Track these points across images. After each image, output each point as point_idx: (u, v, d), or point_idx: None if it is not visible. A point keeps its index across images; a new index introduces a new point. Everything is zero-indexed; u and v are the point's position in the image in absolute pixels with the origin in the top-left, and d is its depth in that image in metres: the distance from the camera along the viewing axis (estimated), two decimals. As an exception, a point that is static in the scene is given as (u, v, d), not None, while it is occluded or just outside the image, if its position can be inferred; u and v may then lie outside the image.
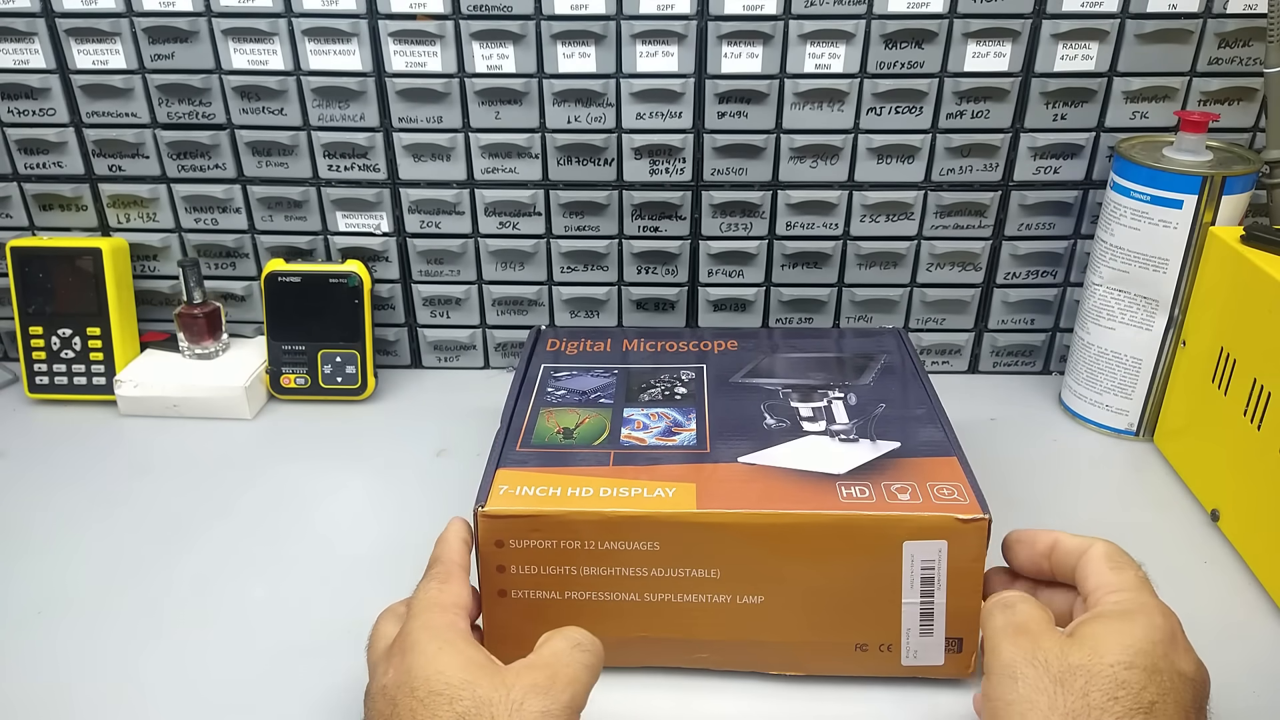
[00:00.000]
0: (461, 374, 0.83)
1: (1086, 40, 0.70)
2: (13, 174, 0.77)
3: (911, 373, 0.63)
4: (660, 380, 0.62)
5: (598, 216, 0.77)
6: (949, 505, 0.49)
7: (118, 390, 0.75)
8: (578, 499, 0.50)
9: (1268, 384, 0.57)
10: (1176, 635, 0.41)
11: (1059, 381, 0.78)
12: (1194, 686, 0.40)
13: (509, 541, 0.49)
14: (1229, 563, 0.60)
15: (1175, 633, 0.41)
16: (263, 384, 0.77)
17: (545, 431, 0.57)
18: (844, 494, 0.50)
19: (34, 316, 0.76)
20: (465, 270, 0.79)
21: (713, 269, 0.78)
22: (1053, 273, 0.78)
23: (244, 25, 0.71)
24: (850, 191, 0.75)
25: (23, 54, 0.72)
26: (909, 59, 0.70)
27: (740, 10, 0.69)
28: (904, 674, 0.51)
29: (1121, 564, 0.44)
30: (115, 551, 0.62)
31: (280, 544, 0.63)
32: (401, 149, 0.74)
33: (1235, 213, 0.65)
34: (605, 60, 0.71)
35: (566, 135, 0.73)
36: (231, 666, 0.53)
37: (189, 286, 0.76)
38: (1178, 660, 0.40)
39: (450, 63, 0.72)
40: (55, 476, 0.69)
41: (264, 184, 0.76)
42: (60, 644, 0.55)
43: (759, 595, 0.50)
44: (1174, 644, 0.40)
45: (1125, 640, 0.39)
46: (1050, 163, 0.74)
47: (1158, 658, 0.39)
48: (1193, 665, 0.41)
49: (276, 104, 0.73)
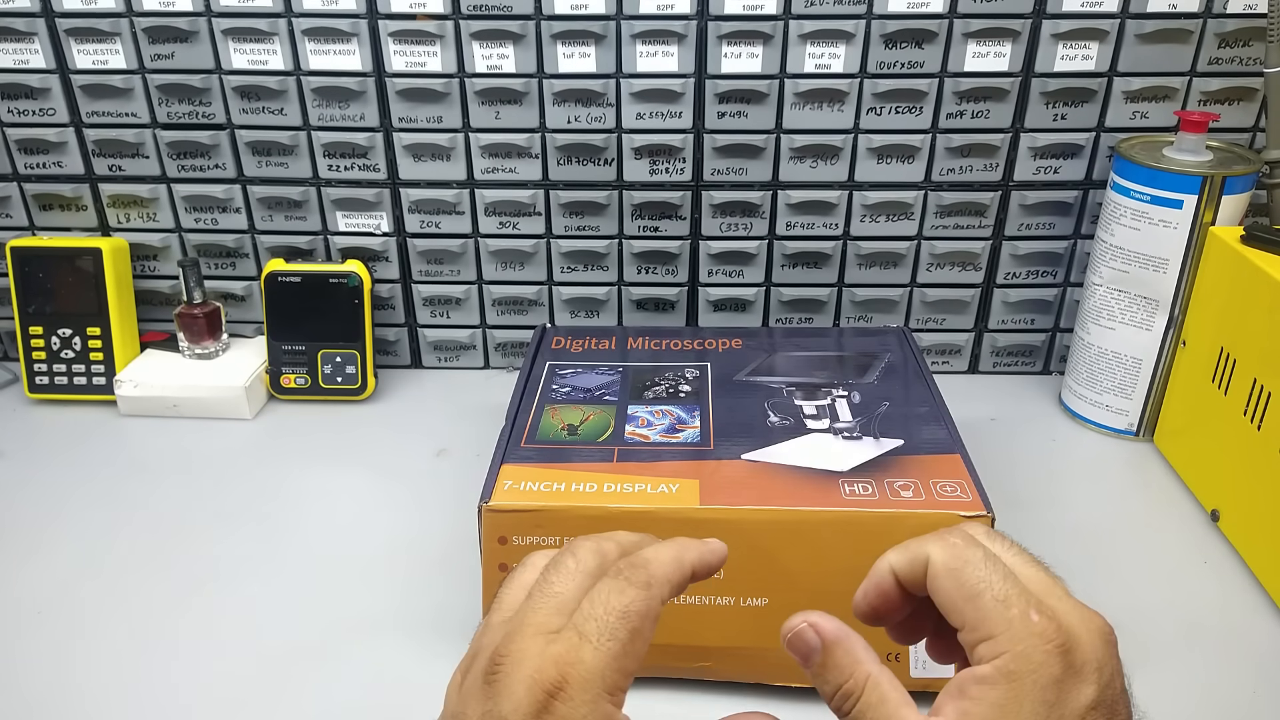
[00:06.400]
0: (461, 374, 0.83)
1: (1086, 40, 0.70)
2: (13, 174, 0.77)
3: (915, 371, 0.63)
4: (664, 378, 0.62)
5: (598, 216, 0.77)
6: (952, 503, 0.49)
7: (118, 390, 0.75)
8: (581, 494, 0.50)
9: (1268, 384, 0.57)
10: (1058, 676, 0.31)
11: (1059, 381, 0.78)
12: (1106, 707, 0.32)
13: (512, 538, 0.49)
14: (1229, 563, 0.60)
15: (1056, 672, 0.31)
16: (263, 384, 0.77)
17: (550, 428, 0.57)
18: (847, 491, 0.50)
19: (34, 316, 0.76)
20: (465, 270, 0.79)
21: (713, 269, 0.78)
22: (1053, 273, 0.78)
23: (244, 25, 0.71)
24: (850, 191, 0.75)
25: (23, 54, 0.72)
26: (909, 59, 0.71)
27: (740, 10, 0.69)
28: (913, 687, 0.50)
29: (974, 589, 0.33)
30: (115, 551, 0.62)
31: (280, 544, 0.62)
32: (401, 149, 0.74)
33: (1235, 213, 0.65)
34: (605, 60, 0.71)
35: (566, 135, 0.74)
36: (231, 666, 0.53)
37: (189, 286, 0.76)
38: (1080, 694, 0.31)
39: (450, 63, 0.72)
40: (55, 476, 0.69)
41: (264, 184, 0.76)
42: (60, 644, 0.54)
43: (763, 598, 0.50)
44: (1065, 683, 0.31)
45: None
46: (1050, 163, 0.74)
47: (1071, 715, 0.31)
48: (1091, 683, 0.32)
49: (276, 104, 0.73)
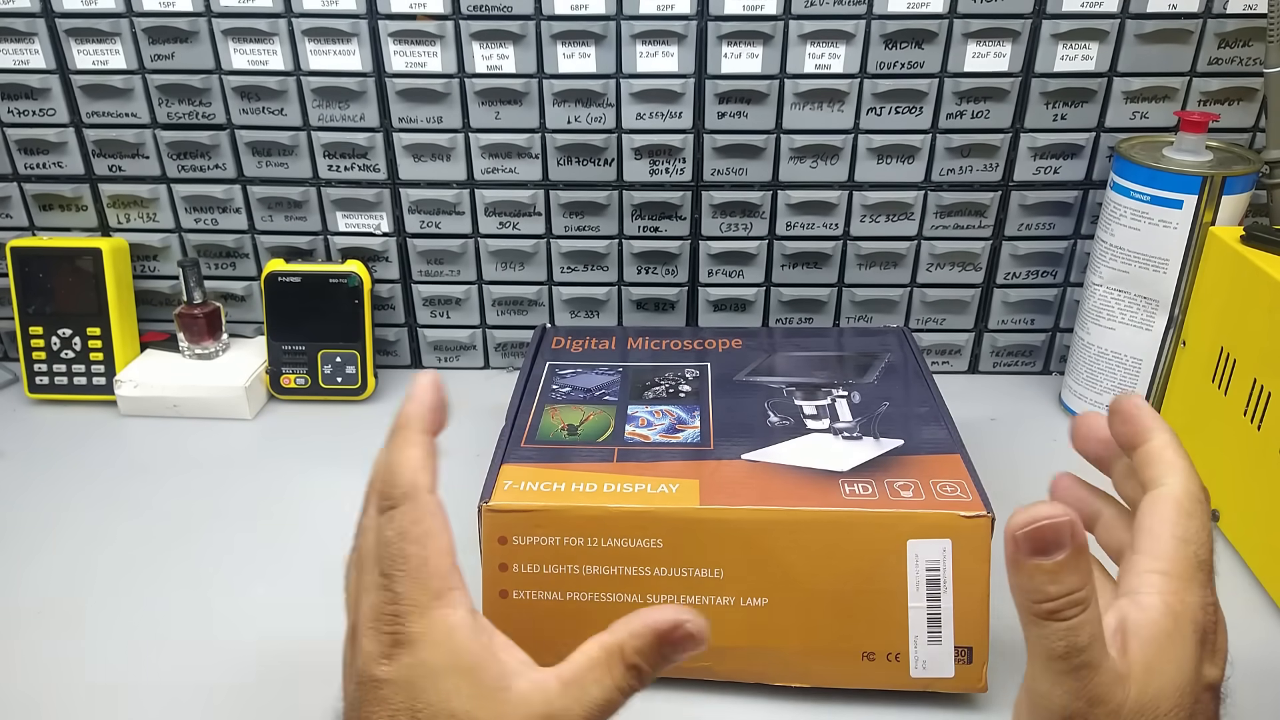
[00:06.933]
0: (461, 374, 0.83)
1: (1086, 40, 0.70)
2: (13, 174, 0.77)
3: (915, 371, 0.63)
4: (664, 378, 0.62)
5: (598, 216, 0.77)
6: (952, 503, 0.49)
7: (118, 390, 0.75)
8: (581, 494, 0.50)
9: (1268, 384, 0.57)
10: (1206, 638, 0.35)
11: (1059, 381, 0.78)
12: (1216, 692, 0.36)
13: (512, 538, 0.49)
14: (1229, 563, 0.60)
15: (1206, 635, 0.35)
16: (263, 384, 0.77)
17: (550, 428, 0.57)
18: (847, 491, 0.50)
19: (34, 316, 0.76)
20: (465, 270, 0.79)
21: (713, 269, 0.78)
22: (1053, 273, 0.78)
23: (244, 25, 0.71)
24: (850, 191, 0.75)
25: (23, 54, 0.72)
26: (909, 59, 0.71)
27: (740, 10, 0.69)
28: (913, 687, 0.50)
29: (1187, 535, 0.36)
30: (115, 551, 0.62)
31: (280, 544, 0.62)
32: (401, 149, 0.74)
33: (1235, 213, 0.65)
34: (605, 60, 0.71)
35: (566, 135, 0.74)
36: (231, 666, 0.53)
37: (189, 286, 0.76)
38: (1207, 671, 0.35)
39: (450, 63, 0.72)
40: (55, 476, 0.69)
41: (264, 184, 0.76)
42: (60, 644, 0.55)
43: (763, 597, 0.50)
44: (1203, 653, 0.35)
45: (1177, 679, 0.34)
46: (1050, 163, 0.74)
47: (1196, 685, 0.35)
48: (1218, 667, 0.36)
49: (276, 104, 0.73)
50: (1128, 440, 0.39)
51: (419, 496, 0.35)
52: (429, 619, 0.34)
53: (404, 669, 0.33)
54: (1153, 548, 0.36)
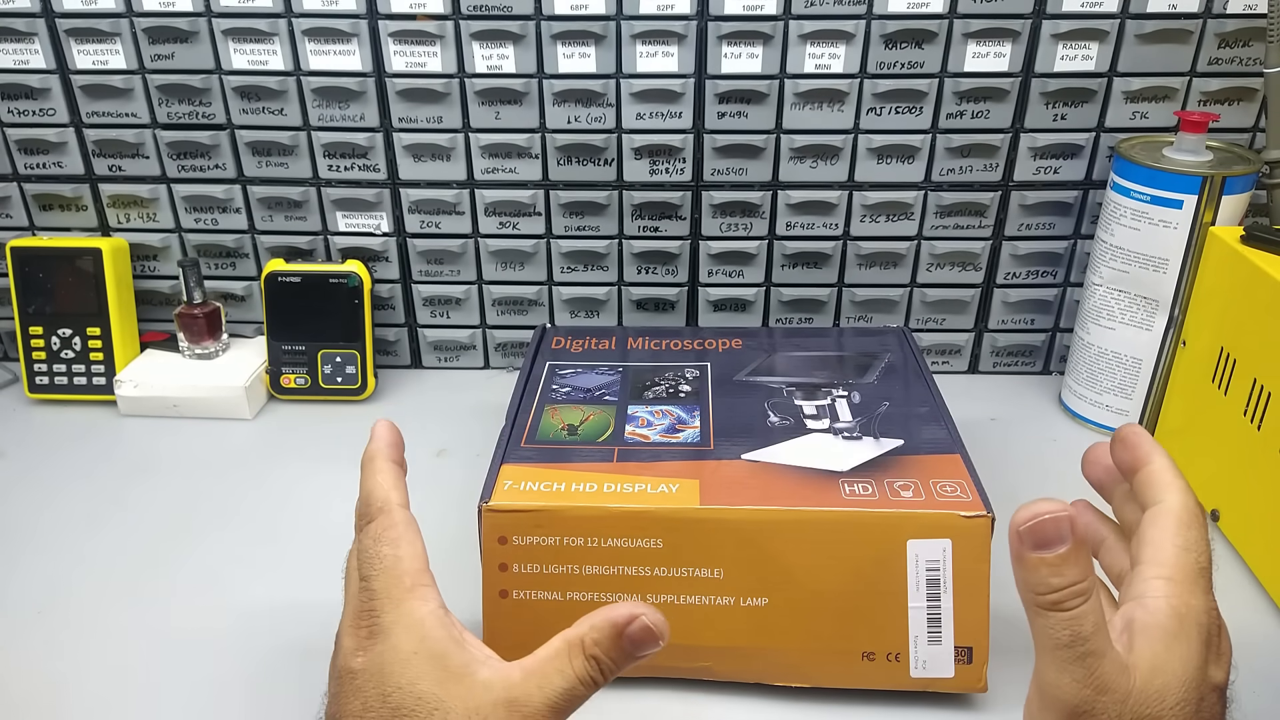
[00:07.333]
0: (461, 374, 0.83)
1: (1086, 40, 0.70)
2: (13, 174, 0.77)
3: (915, 371, 0.63)
4: (664, 378, 0.62)
5: (598, 216, 0.77)
6: (952, 502, 0.49)
7: (118, 390, 0.75)
8: (581, 494, 0.50)
9: (1268, 384, 0.57)
10: (1210, 640, 0.37)
11: (1059, 381, 0.78)
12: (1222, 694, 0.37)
13: (512, 538, 0.49)
14: (1229, 563, 0.60)
15: (1210, 638, 0.37)
16: (263, 384, 0.77)
17: (550, 428, 0.57)
18: (847, 491, 0.50)
19: (34, 316, 0.76)
20: (465, 270, 0.79)
21: (713, 269, 0.78)
22: (1053, 273, 0.78)
23: (244, 25, 0.71)
24: (850, 191, 0.75)
25: (23, 54, 0.72)
26: (909, 59, 0.71)
27: (740, 10, 0.69)
28: (913, 687, 0.50)
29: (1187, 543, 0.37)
30: (115, 551, 0.62)
31: (280, 544, 0.63)
32: (401, 149, 0.74)
33: (1235, 213, 0.65)
34: (605, 60, 0.71)
35: (566, 135, 0.74)
36: (231, 666, 0.53)
37: (189, 286, 0.76)
38: (1213, 673, 0.36)
39: (450, 63, 0.72)
40: (55, 476, 0.69)
41: (264, 184, 0.76)
42: (60, 644, 0.55)
43: (763, 597, 0.50)
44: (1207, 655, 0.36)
45: (1182, 674, 0.35)
46: (1050, 163, 0.74)
47: (1202, 684, 0.36)
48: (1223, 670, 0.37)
49: (276, 104, 0.73)
50: (1128, 465, 0.41)
51: (392, 510, 0.40)
52: (400, 610, 0.37)
53: (376, 656, 0.36)
54: (1155, 556, 0.37)
